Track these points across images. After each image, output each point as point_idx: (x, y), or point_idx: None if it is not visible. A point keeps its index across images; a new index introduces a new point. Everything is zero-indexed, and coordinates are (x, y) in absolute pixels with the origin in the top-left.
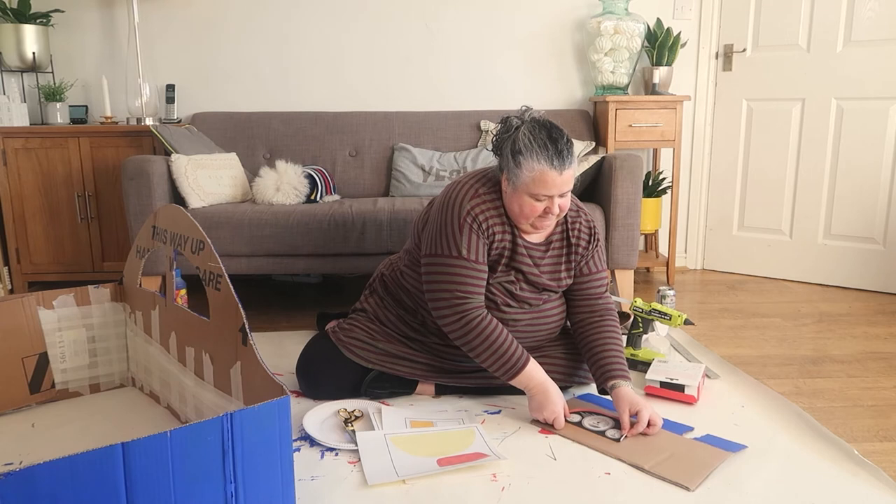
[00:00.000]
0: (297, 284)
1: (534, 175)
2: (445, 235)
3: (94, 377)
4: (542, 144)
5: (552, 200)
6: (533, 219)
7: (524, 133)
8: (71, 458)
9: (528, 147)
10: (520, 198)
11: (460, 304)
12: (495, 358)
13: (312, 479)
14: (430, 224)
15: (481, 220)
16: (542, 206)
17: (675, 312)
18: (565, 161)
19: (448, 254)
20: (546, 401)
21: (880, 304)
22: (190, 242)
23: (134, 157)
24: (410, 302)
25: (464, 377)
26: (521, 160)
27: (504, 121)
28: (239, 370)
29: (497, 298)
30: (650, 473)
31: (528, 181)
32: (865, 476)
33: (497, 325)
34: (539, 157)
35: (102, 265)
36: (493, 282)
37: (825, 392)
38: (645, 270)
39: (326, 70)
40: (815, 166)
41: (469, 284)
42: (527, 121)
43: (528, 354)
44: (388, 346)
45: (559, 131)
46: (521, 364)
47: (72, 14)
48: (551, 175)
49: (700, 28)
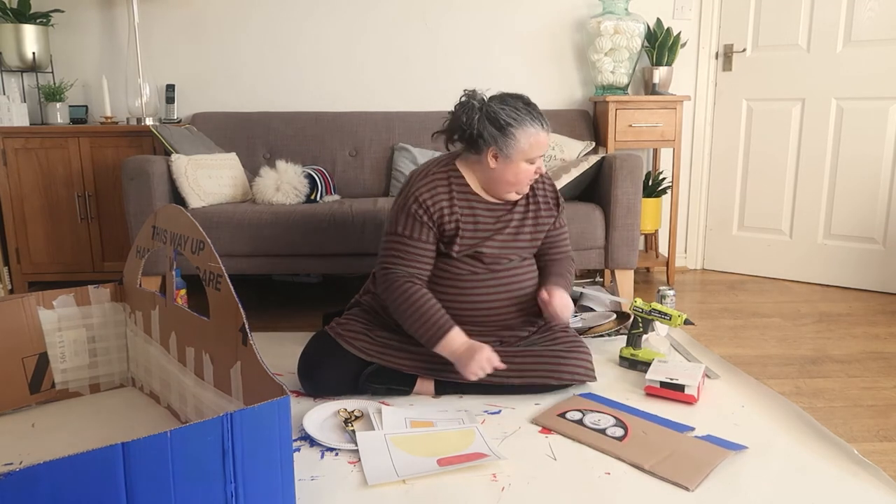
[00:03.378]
0: (297, 284)
1: (531, 141)
2: (394, 213)
3: (94, 377)
4: (526, 112)
5: (540, 159)
6: (523, 184)
7: (501, 108)
8: (71, 458)
9: (517, 118)
10: (517, 167)
11: (390, 271)
12: (419, 324)
13: (312, 479)
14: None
15: (425, 199)
16: (534, 167)
17: (675, 312)
18: (545, 120)
19: (390, 230)
20: (470, 355)
21: (880, 304)
22: (190, 242)
23: (134, 157)
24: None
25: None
26: (513, 131)
27: (463, 106)
28: (239, 370)
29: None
30: (650, 473)
31: (525, 148)
32: (865, 476)
33: (423, 294)
34: (531, 122)
35: (102, 265)
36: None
37: (825, 392)
38: (645, 270)
39: (327, 70)
40: (815, 166)
41: (398, 256)
42: (486, 99)
43: (452, 323)
44: (385, 336)
45: (525, 97)
46: (443, 330)
47: (72, 14)
48: (543, 136)
49: (700, 28)
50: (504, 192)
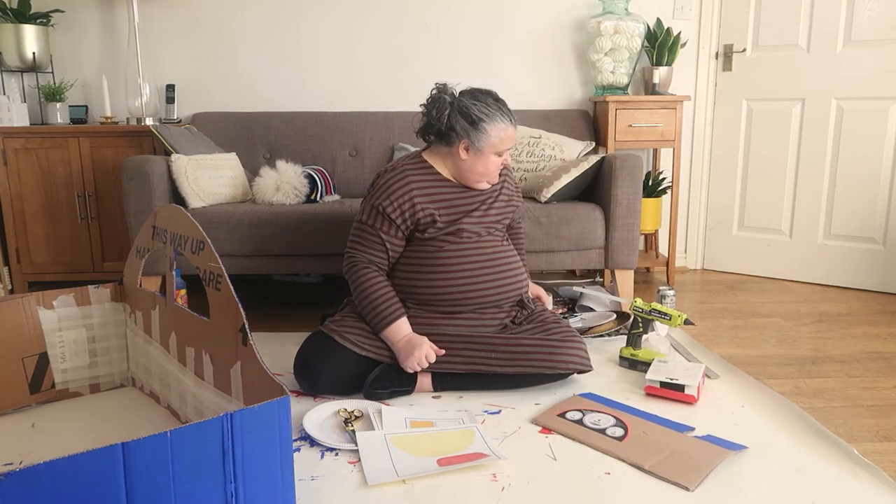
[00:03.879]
0: (297, 284)
1: (501, 135)
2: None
3: (94, 377)
4: (496, 108)
5: (507, 152)
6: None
7: (472, 103)
8: (71, 458)
9: (487, 114)
10: (486, 159)
11: (352, 255)
12: (369, 308)
13: (312, 479)
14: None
15: (400, 202)
16: (501, 160)
17: (675, 312)
18: (513, 116)
19: (358, 219)
20: (410, 350)
21: (880, 304)
22: (190, 242)
23: (134, 157)
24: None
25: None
26: (485, 126)
27: (434, 101)
28: (239, 370)
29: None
30: (650, 473)
31: (496, 142)
32: (865, 476)
33: (378, 281)
34: (501, 119)
35: (102, 265)
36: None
37: (825, 392)
38: (645, 270)
39: (327, 70)
40: (815, 166)
41: (361, 242)
42: (457, 95)
43: (401, 312)
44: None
45: (494, 93)
46: (392, 318)
47: (72, 14)
48: (512, 131)
49: (700, 28)
50: (474, 182)
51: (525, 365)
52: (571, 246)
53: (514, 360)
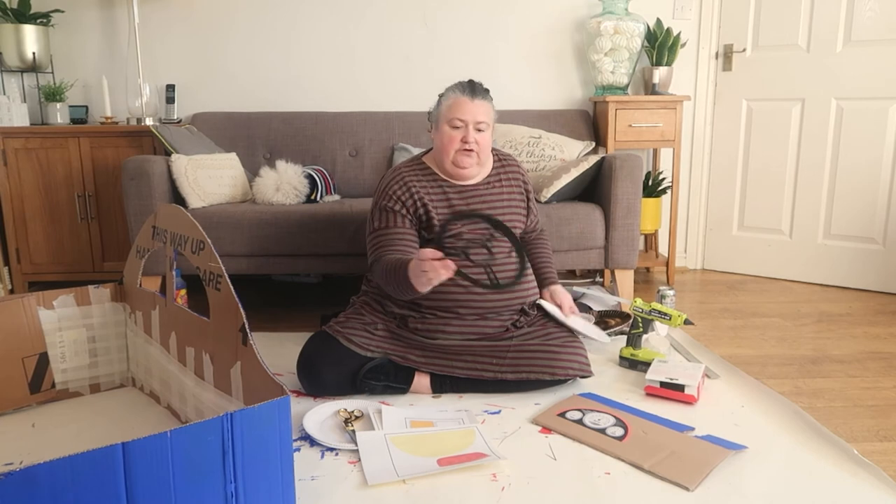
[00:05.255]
0: (297, 284)
1: (449, 103)
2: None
3: (94, 377)
4: (458, 84)
5: (468, 130)
6: (452, 153)
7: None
8: (71, 458)
9: (448, 89)
10: (441, 131)
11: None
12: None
13: (312, 479)
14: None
15: (393, 191)
16: (458, 133)
17: (675, 312)
18: (476, 91)
19: (370, 231)
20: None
21: (880, 304)
22: (190, 242)
23: (134, 157)
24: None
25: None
26: (441, 100)
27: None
28: (239, 370)
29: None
30: (650, 473)
31: (444, 110)
32: (865, 476)
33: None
34: (453, 90)
35: (102, 265)
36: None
37: (825, 392)
38: (645, 270)
39: (327, 70)
40: (815, 166)
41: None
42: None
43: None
44: (383, 331)
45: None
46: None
47: (72, 14)
48: (463, 100)
49: (700, 28)
50: (444, 164)
51: (525, 370)
52: (571, 246)
53: (513, 365)
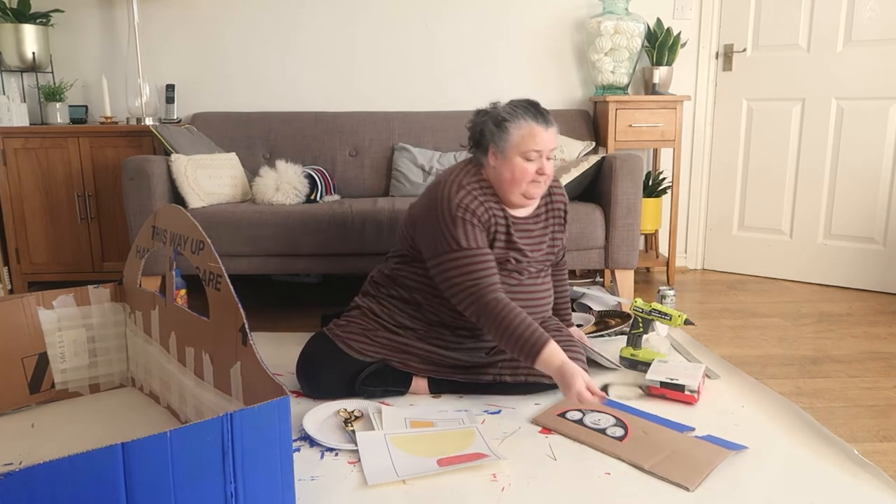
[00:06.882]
0: (297, 284)
1: (522, 133)
2: (442, 232)
3: (94, 377)
4: (524, 108)
5: (542, 160)
6: (525, 185)
7: (503, 107)
8: (71, 458)
9: (512, 113)
10: (511, 163)
11: (473, 290)
12: (515, 340)
13: (312, 479)
14: (423, 226)
15: (473, 208)
16: (533, 166)
17: (675, 312)
18: (548, 118)
19: (449, 249)
20: (563, 384)
21: (880, 304)
22: (190, 242)
23: (134, 157)
24: (407, 294)
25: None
26: (507, 125)
27: (476, 112)
28: (239, 370)
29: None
30: (650, 473)
31: (517, 141)
32: (865, 476)
33: (513, 309)
34: (524, 116)
35: (102, 265)
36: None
37: (825, 392)
38: (645, 270)
39: (327, 70)
40: (815, 166)
41: (476, 271)
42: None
43: (547, 337)
44: (385, 338)
45: (535, 101)
46: (538, 346)
47: (72, 14)
48: (538, 130)
49: (700, 28)
50: (509, 194)
51: (523, 373)
52: (571, 246)
53: (512, 367)
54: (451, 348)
